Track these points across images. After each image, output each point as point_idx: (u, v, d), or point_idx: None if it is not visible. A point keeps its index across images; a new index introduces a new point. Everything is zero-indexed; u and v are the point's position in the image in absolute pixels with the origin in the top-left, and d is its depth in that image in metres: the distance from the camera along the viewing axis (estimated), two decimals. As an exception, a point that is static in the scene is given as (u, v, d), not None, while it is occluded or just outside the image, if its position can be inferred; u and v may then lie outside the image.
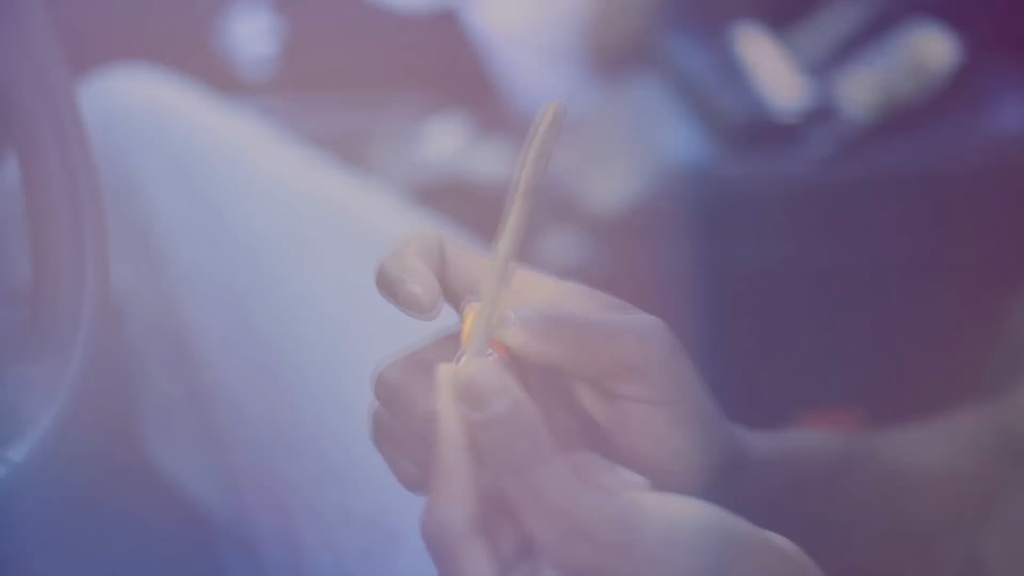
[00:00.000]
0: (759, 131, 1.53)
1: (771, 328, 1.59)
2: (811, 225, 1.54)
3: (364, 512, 1.08)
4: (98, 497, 1.17)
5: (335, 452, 1.10)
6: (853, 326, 1.60)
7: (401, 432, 0.71)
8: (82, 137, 0.79)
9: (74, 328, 0.78)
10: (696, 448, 0.71)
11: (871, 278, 1.57)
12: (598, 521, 0.60)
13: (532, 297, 0.71)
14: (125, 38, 1.73)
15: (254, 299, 1.16)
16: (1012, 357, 1.38)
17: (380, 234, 1.21)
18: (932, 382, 1.57)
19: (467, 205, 1.68)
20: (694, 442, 0.71)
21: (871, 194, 1.53)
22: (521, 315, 0.68)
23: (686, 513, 0.62)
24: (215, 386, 1.16)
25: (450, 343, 0.70)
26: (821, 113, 1.53)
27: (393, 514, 1.06)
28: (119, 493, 1.23)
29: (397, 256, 0.70)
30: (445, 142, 1.81)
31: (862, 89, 1.51)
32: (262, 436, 1.14)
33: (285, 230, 1.19)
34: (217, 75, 1.73)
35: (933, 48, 1.50)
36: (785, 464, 0.80)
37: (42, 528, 0.94)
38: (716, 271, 1.53)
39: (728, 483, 0.73)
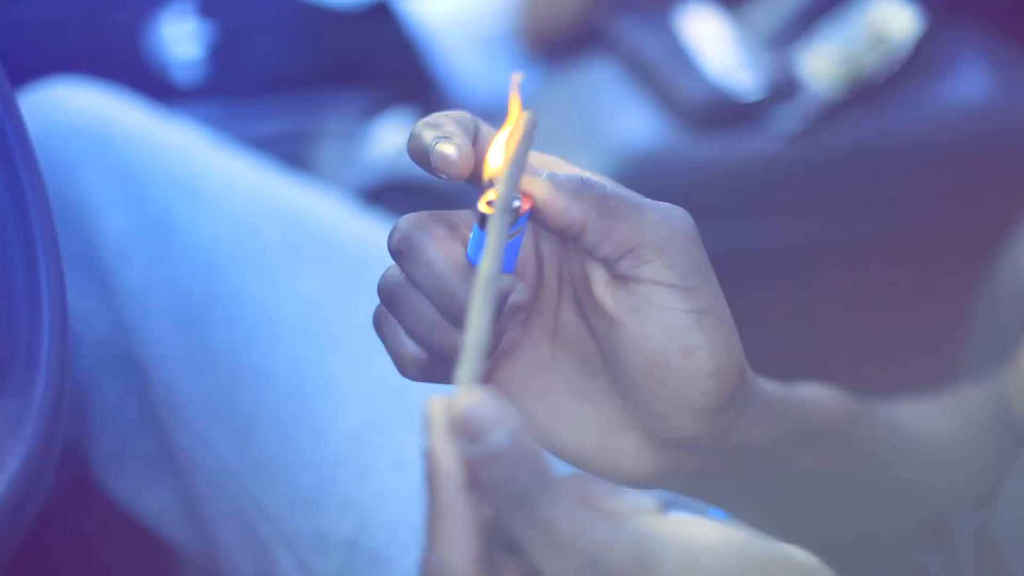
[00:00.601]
0: (720, 112, 1.49)
1: (741, 310, 1.55)
2: (778, 205, 1.51)
3: (344, 536, 1.03)
4: (55, 532, 1.12)
5: (308, 474, 1.06)
6: (824, 304, 1.56)
7: (409, 299, 0.69)
8: (29, 150, 0.74)
9: (35, 360, 0.73)
10: (710, 349, 0.69)
11: (840, 256, 1.54)
12: (613, 551, 0.56)
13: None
14: (49, 51, 1.68)
15: (210, 316, 1.12)
16: (988, 332, 1.35)
17: (336, 240, 1.18)
18: (905, 360, 1.55)
19: (417, 202, 1.64)
20: (709, 340, 0.69)
21: (838, 170, 1.49)
22: (551, 175, 0.67)
23: (704, 536, 0.59)
24: (175, 410, 1.12)
25: (470, 215, 0.70)
26: (783, 90, 1.49)
27: (376, 537, 1.02)
28: (75, 526, 1.18)
29: (432, 119, 0.69)
30: (390, 139, 1.76)
31: (823, 63, 1.47)
32: (227, 460, 1.09)
33: (237, 242, 1.15)
34: (150, 84, 1.68)
35: (894, 17, 1.47)
36: (788, 411, 0.78)
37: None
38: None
39: (733, 415, 0.72)
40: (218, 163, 1.21)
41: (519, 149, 0.65)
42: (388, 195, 1.68)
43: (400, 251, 0.68)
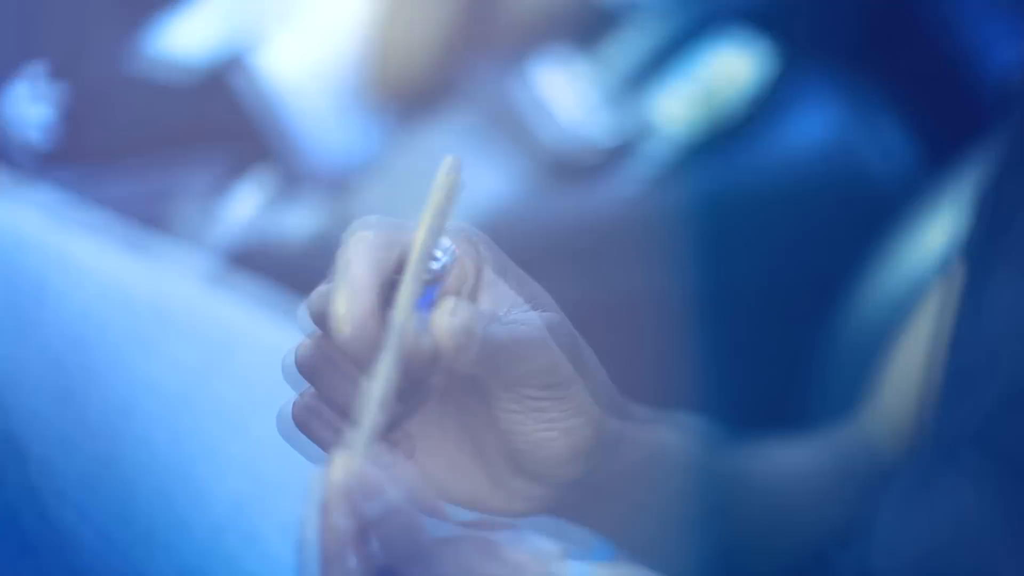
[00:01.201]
0: (576, 160, 1.50)
1: (601, 357, 1.56)
2: (636, 251, 1.52)
3: (236, 605, 1.02)
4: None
5: (193, 543, 1.05)
6: (679, 350, 1.58)
7: (334, 364, 0.68)
8: None
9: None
10: (580, 430, 0.71)
11: (698, 300, 1.55)
12: None
13: None
14: None
15: (86, 387, 1.10)
16: (843, 370, 1.38)
17: (210, 303, 1.17)
18: (763, 398, 1.57)
19: (279, 264, 1.63)
20: (580, 423, 0.71)
21: (694, 214, 1.51)
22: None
23: None
24: (53, 486, 1.10)
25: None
26: (638, 135, 1.51)
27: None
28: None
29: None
30: (248, 202, 1.75)
31: (677, 106, 1.49)
32: (109, 534, 1.08)
33: (110, 310, 1.13)
34: (2, 149, 1.65)
35: (745, 59, 1.49)
36: (638, 444, 0.80)
37: None
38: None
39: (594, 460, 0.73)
40: (86, 229, 1.20)
41: (441, 206, 0.67)
42: (250, 256, 1.67)
43: (319, 322, 0.67)
